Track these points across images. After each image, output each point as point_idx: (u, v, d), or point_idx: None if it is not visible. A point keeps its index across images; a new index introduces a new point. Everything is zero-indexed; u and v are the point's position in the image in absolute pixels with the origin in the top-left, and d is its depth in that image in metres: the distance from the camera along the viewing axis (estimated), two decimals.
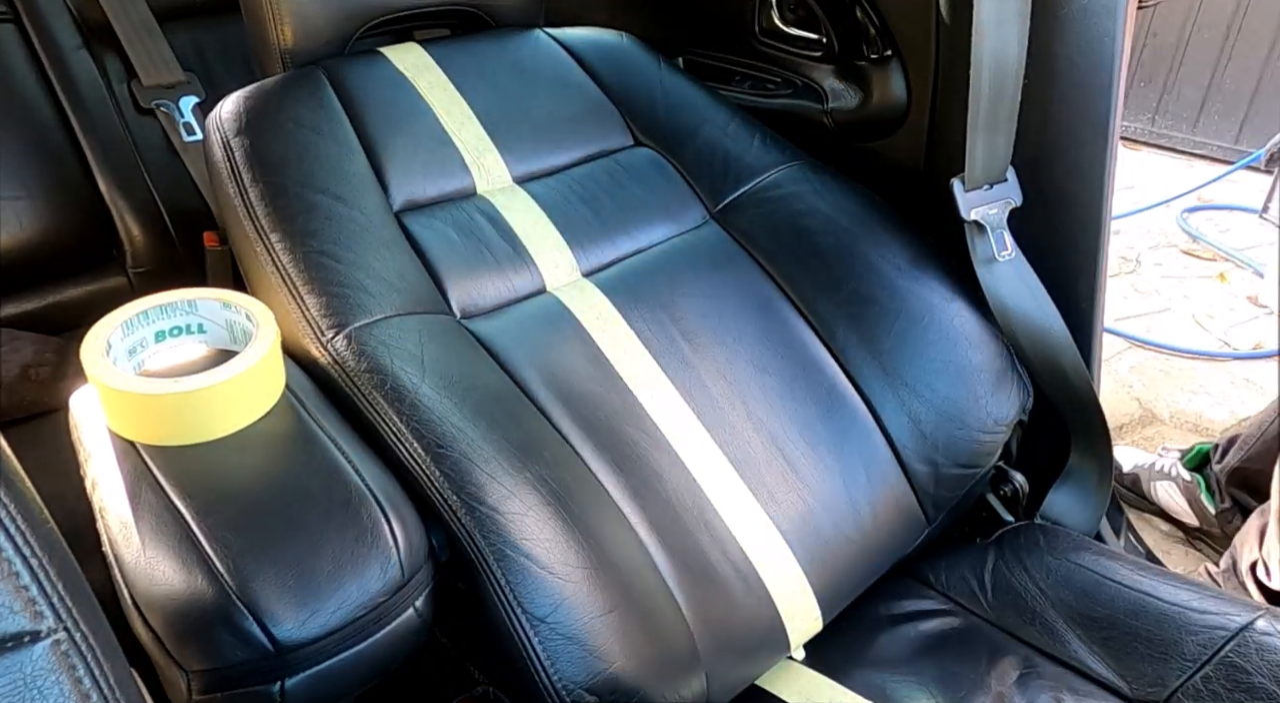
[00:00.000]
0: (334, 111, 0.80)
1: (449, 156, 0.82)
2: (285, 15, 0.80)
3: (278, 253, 0.71)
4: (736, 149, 0.92)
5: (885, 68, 0.94)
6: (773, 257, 0.85)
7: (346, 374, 0.65)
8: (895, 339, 0.82)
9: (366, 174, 0.78)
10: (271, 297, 0.71)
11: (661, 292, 0.81)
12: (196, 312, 0.62)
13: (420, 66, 0.86)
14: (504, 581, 0.59)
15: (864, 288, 0.84)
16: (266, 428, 0.58)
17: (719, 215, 0.89)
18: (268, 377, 0.59)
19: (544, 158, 0.87)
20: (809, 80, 1.02)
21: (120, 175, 1.08)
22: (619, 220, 0.85)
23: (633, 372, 0.75)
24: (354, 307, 0.68)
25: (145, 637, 0.53)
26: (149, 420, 0.55)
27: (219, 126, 0.77)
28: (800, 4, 1.00)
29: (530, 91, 0.89)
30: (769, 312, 0.82)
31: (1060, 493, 0.89)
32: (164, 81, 1.14)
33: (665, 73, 0.96)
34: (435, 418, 0.63)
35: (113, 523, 0.54)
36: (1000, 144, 0.81)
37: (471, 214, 0.81)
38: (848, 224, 0.87)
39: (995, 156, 0.81)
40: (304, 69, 0.82)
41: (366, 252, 0.73)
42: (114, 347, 0.57)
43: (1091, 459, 0.89)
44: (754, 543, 0.71)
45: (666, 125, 0.92)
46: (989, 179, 0.82)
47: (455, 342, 0.71)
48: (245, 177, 0.74)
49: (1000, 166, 0.82)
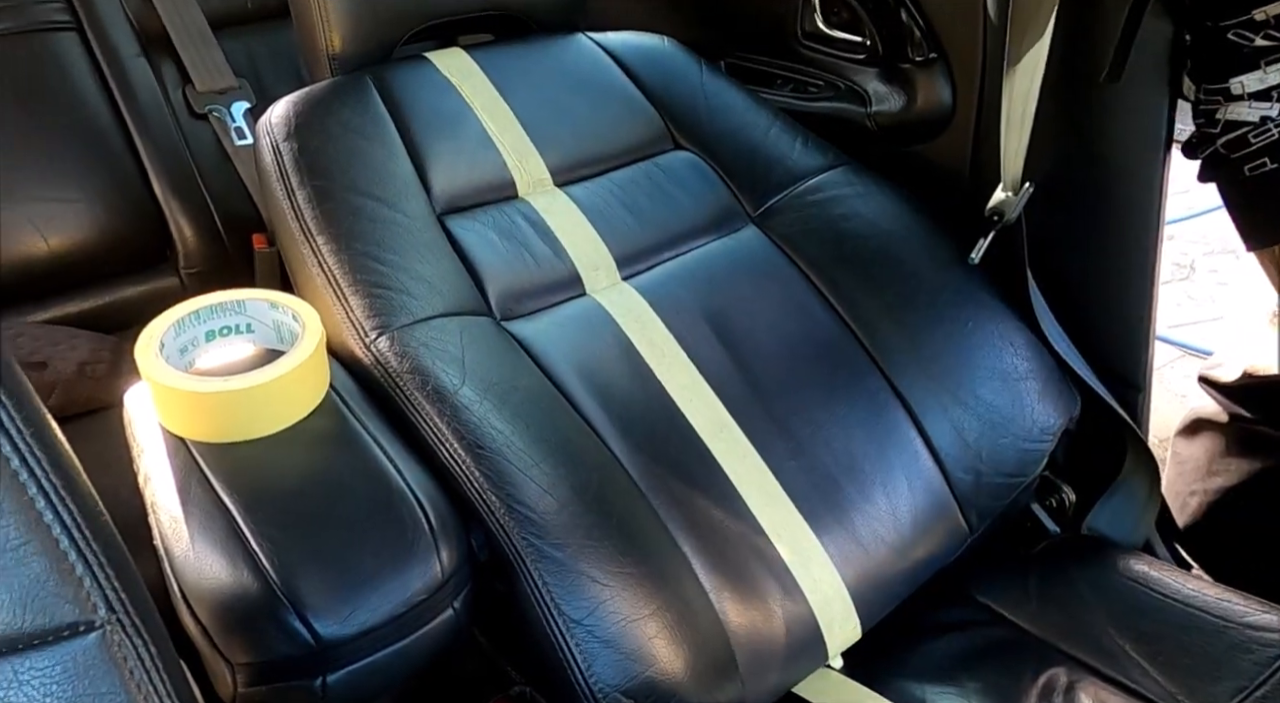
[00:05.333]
0: (380, 116, 0.81)
1: (491, 160, 0.83)
2: (334, 23, 0.82)
3: (323, 255, 0.72)
4: (778, 152, 0.91)
5: (930, 70, 0.93)
6: (814, 261, 0.85)
7: (389, 374, 0.66)
8: (939, 346, 0.80)
9: (410, 177, 0.79)
10: (317, 298, 0.72)
11: (701, 295, 0.81)
12: (245, 312, 0.64)
13: (464, 71, 0.88)
14: (541, 582, 0.59)
15: (907, 293, 0.83)
16: (311, 426, 0.59)
17: (760, 219, 0.88)
18: (312, 376, 0.60)
19: (585, 161, 0.87)
20: (852, 83, 1.01)
21: (174, 179, 1.11)
22: (659, 223, 0.85)
23: (671, 375, 0.75)
24: (397, 308, 0.69)
25: (193, 629, 0.54)
26: (199, 417, 0.56)
27: (269, 131, 0.79)
28: (844, 6, 0.99)
29: (572, 95, 0.90)
30: (809, 316, 0.82)
31: (1108, 504, 0.87)
32: (217, 87, 1.17)
33: (706, 76, 0.96)
34: (475, 419, 0.63)
35: (164, 518, 0.55)
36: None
37: (512, 216, 0.81)
38: (891, 228, 0.86)
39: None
40: (352, 75, 0.84)
41: (409, 254, 0.74)
42: (166, 346, 0.59)
43: (1141, 470, 0.87)
44: (792, 549, 0.71)
45: (707, 128, 0.92)
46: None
47: (495, 343, 0.71)
48: (293, 180, 0.75)
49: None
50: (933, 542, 0.78)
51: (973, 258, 0.83)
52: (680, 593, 0.64)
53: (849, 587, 0.72)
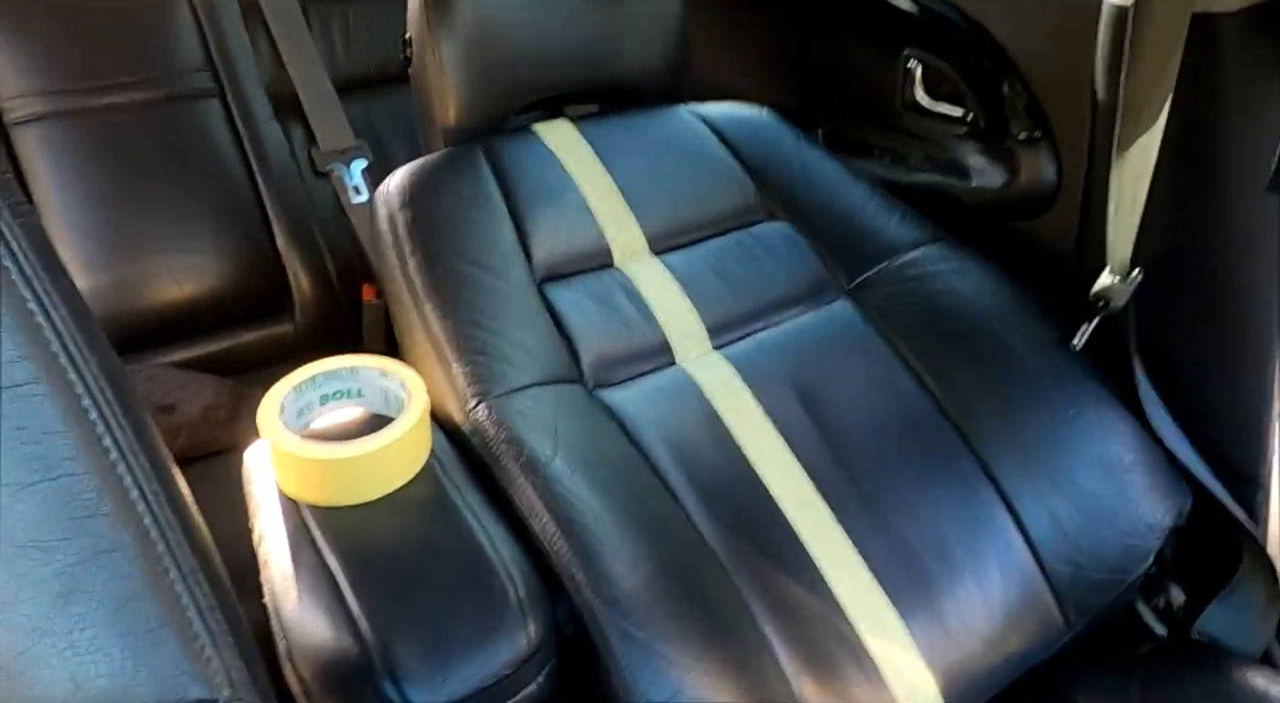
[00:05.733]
0: (488, 186, 0.85)
1: (589, 229, 0.86)
2: (450, 99, 0.87)
3: (431, 320, 0.76)
4: (874, 225, 0.91)
5: (1035, 148, 0.91)
6: (908, 338, 0.84)
7: (486, 442, 0.68)
8: (1037, 430, 0.78)
9: (514, 245, 0.83)
10: (422, 361, 0.76)
11: (791, 368, 0.81)
12: (357, 378, 0.67)
13: (569, 143, 0.91)
14: (624, 662, 0.60)
15: (1004, 376, 0.81)
16: (413, 494, 0.62)
17: (853, 292, 0.88)
18: (415, 446, 0.63)
19: (681, 229, 0.89)
20: (952, 157, 1.00)
21: (295, 232, 1.19)
22: (751, 293, 0.86)
23: (759, 449, 0.75)
24: (496, 376, 0.72)
25: (296, 686, 0.57)
26: (311, 482, 0.60)
27: (387, 199, 0.84)
28: (946, 79, 0.99)
29: (671, 165, 0.92)
30: (901, 393, 0.81)
31: (1223, 607, 0.82)
32: (338, 147, 1.25)
33: (803, 147, 0.97)
34: (566, 492, 0.65)
35: (275, 576, 0.59)
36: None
37: (608, 284, 0.84)
38: (989, 306, 0.85)
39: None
40: (464, 147, 0.89)
41: (510, 321, 0.77)
42: (286, 409, 0.63)
43: (1259, 572, 0.81)
44: (877, 635, 0.69)
45: (802, 199, 0.93)
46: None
47: (587, 413, 0.73)
48: (406, 247, 0.80)
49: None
50: (1027, 635, 0.75)
51: (1075, 343, 0.81)
52: (760, 679, 0.63)
53: (936, 677, 0.70)
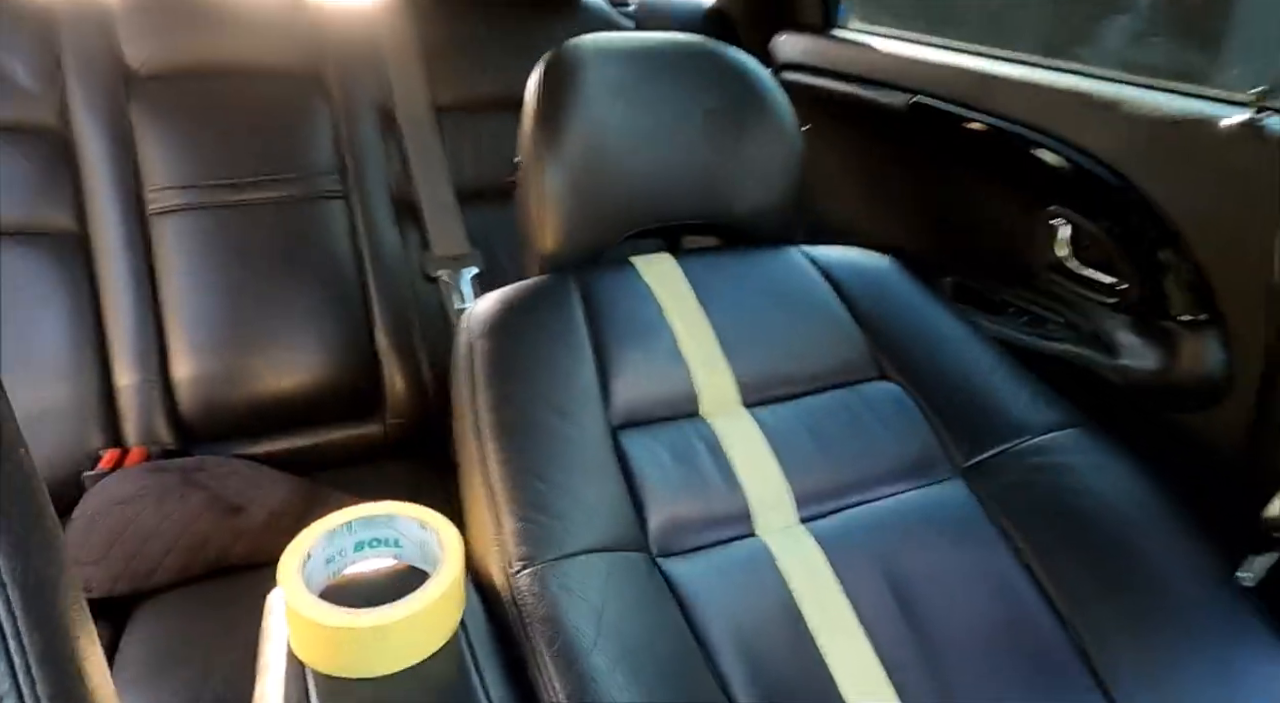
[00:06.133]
0: (575, 320, 0.81)
1: (677, 373, 0.80)
2: (550, 224, 0.85)
3: (490, 464, 0.71)
4: (1000, 398, 0.81)
5: (1199, 332, 0.79)
6: (1029, 535, 0.73)
7: (522, 617, 0.62)
8: (1188, 680, 0.65)
9: (593, 386, 0.78)
10: (474, 505, 0.71)
11: (887, 553, 0.71)
12: (395, 527, 0.63)
13: (668, 279, 0.87)
14: None
15: (1148, 601, 0.68)
16: (429, 671, 0.56)
17: (969, 472, 0.78)
18: (438, 618, 0.57)
19: (777, 381, 0.82)
20: (1098, 329, 0.89)
21: (396, 335, 1.19)
22: (850, 462, 0.77)
23: (836, 646, 0.66)
24: (547, 538, 0.66)
25: None
26: (319, 648, 0.55)
27: (468, 327, 0.81)
28: (1097, 242, 0.89)
29: (775, 311, 0.86)
30: (1012, 597, 0.70)
31: None
32: (451, 253, 1.26)
33: (927, 303, 0.89)
34: (599, 695, 0.57)
35: None
36: None
37: (690, 437, 0.77)
38: (1132, 514, 0.73)
39: None
40: (558, 275, 0.86)
41: (575, 473, 0.71)
42: (314, 556, 0.59)
43: None
44: None
45: (920, 359, 0.84)
46: None
47: (643, 591, 0.66)
48: (480, 380, 0.76)
49: None
50: None
51: (1243, 577, 0.67)
52: None
53: None
